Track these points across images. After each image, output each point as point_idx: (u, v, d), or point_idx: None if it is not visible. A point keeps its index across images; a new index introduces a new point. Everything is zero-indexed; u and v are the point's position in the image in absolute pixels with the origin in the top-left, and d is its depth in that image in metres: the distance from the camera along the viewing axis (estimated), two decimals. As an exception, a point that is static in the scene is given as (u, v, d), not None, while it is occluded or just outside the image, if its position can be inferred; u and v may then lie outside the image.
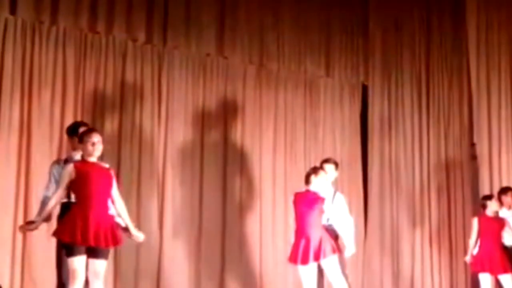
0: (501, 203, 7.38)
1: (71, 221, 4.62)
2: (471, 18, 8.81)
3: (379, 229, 8.81)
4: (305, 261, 6.01)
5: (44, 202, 4.98)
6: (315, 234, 6.02)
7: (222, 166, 7.91)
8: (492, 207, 7.16)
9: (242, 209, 7.97)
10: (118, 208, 4.89)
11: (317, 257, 5.98)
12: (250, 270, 7.91)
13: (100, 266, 4.72)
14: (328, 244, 6.01)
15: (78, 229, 4.57)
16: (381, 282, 8.66)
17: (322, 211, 6.14)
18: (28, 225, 4.90)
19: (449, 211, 8.92)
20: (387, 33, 9.20)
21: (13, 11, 6.78)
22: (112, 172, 4.93)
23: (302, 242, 6.02)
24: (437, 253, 8.78)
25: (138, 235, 5.03)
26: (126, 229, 4.96)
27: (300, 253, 6.02)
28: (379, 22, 9.18)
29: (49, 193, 5.00)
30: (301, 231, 6.08)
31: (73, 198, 4.86)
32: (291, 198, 8.15)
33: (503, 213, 7.34)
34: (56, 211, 5.02)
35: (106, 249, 4.77)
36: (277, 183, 8.27)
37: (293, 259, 6.11)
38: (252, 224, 8.02)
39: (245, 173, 8.07)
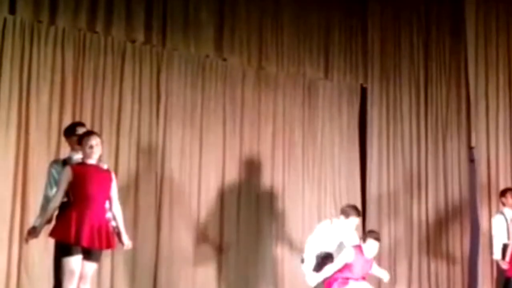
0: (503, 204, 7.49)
1: (67, 222, 4.65)
2: (469, 21, 8.83)
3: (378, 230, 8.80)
4: None
5: (44, 203, 4.98)
6: None
7: (220, 168, 7.90)
8: None
9: (240, 212, 7.96)
10: (114, 211, 4.91)
11: None
12: (248, 274, 7.89)
13: (90, 268, 4.75)
14: None
15: (72, 229, 4.59)
16: (378, 283, 8.64)
17: None
18: (31, 235, 4.88)
19: (447, 214, 8.92)
20: (386, 36, 9.20)
21: (12, 10, 6.77)
22: (113, 174, 4.94)
23: None
24: (434, 257, 8.78)
25: (127, 243, 5.02)
26: (118, 234, 4.95)
27: None
28: (378, 25, 9.20)
29: (49, 193, 5.01)
30: None
31: (71, 197, 4.85)
32: (289, 200, 8.18)
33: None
34: (56, 212, 5.01)
35: (99, 252, 4.80)
36: (275, 185, 8.26)
37: None
38: (250, 225, 8.00)
39: (244, 175, 8.06)
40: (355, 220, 6.47)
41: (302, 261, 6.46)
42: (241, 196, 8.00)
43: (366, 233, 6.44)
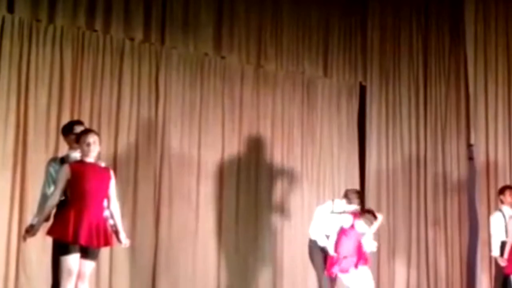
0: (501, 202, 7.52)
1: (65, 220, 4.66)
2: (469, 19, 8.82)
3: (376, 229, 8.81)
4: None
5: (42, 201, 4.99)
6: None
7: (219, 166, 7.90)
8: None
9: (239, 210, 7.96)
10: (112, 209, 4.92)
11: None
12: (246, 273, 7.90)
13: (88, 267, 4.76)
14: None
15: (70, 228, 4.61)
16: (377, 283, 8.65)
17: None
18: (29, 233, 4.89)
19: (445, 212, 8.93)
20: (385, 33, 9.19)
21: (10, 9, 6.77)
22: (111, 172, 4.95)
23: None
24: (433, 255, 8.79)
25: (125, 241, 5.03)
26: (115, 232, 4.96)
27: None
28: (378, 24, 9.18)
29: (47, 191, 5.01)
30: None
31: (69, 196, 4.85)
32: (288, 197, 8.17)
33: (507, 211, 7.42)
34: (53, 210, 5.01)
35: (97, 250, 4.81)
36: (274, 184, 8.26)
37: None
38: (249, 226, 8.00)
39: (243, 173, 8.06)
40: (356, 208, 6.77)
41: (322, 249, 6.64)
42: (240, 195, 7.99)
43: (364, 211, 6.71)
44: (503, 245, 7.28)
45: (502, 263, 7.21)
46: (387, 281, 8.73)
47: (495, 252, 7.38)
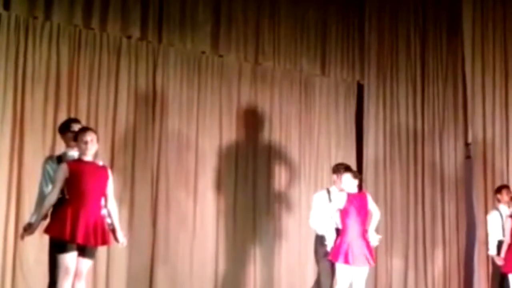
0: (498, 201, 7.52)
1: (62, 218, 4.66)
2: (466, 17, 8.84)
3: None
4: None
5: (39, 200, 4.97)
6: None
7: (216, 164, 7.89)
8: None
9: (236, 209, 7.95)
10: (109, 208, 4.92)
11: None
12: (244, 265, 7.89)
13: (85, 265, 4.76)
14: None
15: (67, 226, 4.61)
16: (375, 282, 8.66)
17: None
18: (27, 231, 4.87)
19: (443, 211, 8.95)
20: (383, 32, 9.20)
21: (6, 6, 6.74)
22: (109, 171, 4.94)
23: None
24: (430, 254, 8.80)
25: (122, 240, 5.02)
26: (113, 231, 4.95)
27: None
28: (375, 22, 9.18)
29: (44, 190, 4.99)
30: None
31: (66, 194, 4.84)
32: (285, 195, 8.10)
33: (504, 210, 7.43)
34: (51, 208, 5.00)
35: (94, 249, 4.82)
36: (271, 181, 8.25)
37: None
38: (246, 225, 7.99)
39: (240, 171, 8.05)
40: (348, 176, 6.41)
41: (323, 239, 6.41)
42: (238, 195, 7.98)
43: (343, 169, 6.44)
44: (500, 244, 7.28)
45: (499, 262, 7.22)
46: (385, 279, 8.73)
47: (492, 251, 7.39)
